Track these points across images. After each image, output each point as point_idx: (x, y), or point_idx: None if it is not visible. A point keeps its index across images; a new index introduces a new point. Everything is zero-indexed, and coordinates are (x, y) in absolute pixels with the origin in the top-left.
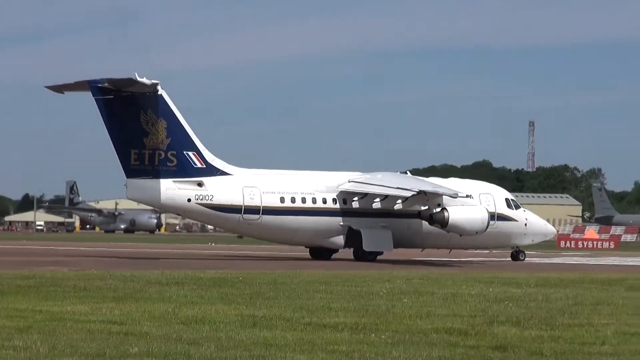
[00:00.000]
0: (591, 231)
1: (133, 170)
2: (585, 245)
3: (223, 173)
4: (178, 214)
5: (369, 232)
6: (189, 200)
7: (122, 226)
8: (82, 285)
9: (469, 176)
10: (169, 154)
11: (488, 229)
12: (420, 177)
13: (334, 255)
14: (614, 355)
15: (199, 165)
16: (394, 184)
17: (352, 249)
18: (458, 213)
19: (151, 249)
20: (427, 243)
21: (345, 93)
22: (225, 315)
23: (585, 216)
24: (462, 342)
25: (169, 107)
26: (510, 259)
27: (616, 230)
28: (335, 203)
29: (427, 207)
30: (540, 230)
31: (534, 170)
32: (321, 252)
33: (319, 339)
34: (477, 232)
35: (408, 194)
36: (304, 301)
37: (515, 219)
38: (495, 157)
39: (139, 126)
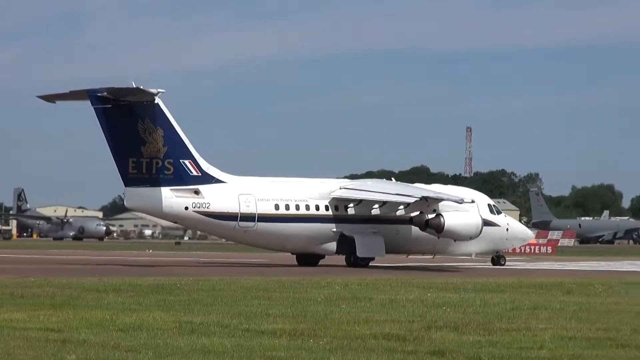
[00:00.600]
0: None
1: (131, 179)
2: (523, 250)
3: (218, 181)
4: (175, 222)
5: (362, 238)
6: (186, 208)
7: (71, 233)
8: (19, 292)
9: (407, 181)
10: (166, 162)
11: None
12: (407, 184)
13: (322, 262)
14: (551, 359)
15: (194, 173)
16: (392, 190)
17: (344, 256)
18: (453, 219)
19: (93, 256)
20: (414, 249)
21: (281, 99)
22: (163, 322)
23: (522, 221)
24: (400, 348)
25: (166, 115)
26: (490, 264)
27: (554, 235)
28: (328, 210)
29: (419, 213)
30: (520, 235)
31: (472, 175)
32: (307, 259)
33: (257, 345)
34: (470, 238)
35: (411, 200)
36: (242, 307)
37: (498, 224)
38: (432, 163)
39: (136, 135)
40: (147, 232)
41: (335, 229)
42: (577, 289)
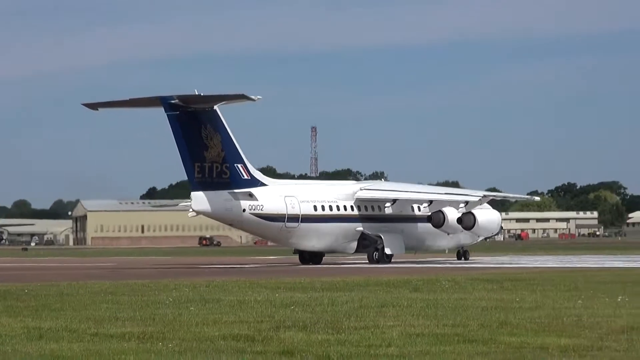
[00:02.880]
0: None
1: (196, 183)
2: None
3: (262, 184)
4: (229, 225)
5: (388, 236)
6: (244, 210)
7: None
8: None
9: None
10: (224, 167)
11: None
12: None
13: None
14: (400, 356)
15: (245, 177)
16: (438, 190)
17: (366, 253)
18: (482, 215)
19: None
20: (416, 246)
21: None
22: (10, 328)
23: None
24: (249, 348)
25: (222, 121)
26: (456, 258)
27: None
28: (353, 210)
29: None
30: (484, 230)
31: (317, 175)
32: (312, 257)
33: (106, 350)
34: (492, 233)
35: (476, 198)
36: (91, 312)
37: None
38: (278, 163)
39: (201, 141)
40: None
41: (360, 228)
42: (424, 285)
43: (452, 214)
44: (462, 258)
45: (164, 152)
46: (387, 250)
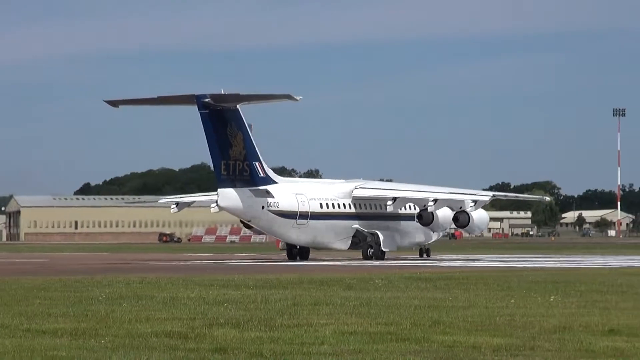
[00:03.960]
0: None
1: (222, 180)
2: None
3: (274, 182)
4: (248, 221)
5: (385, 233)
6: (263, 207)
7: None
8: None
9: (188, 180)
10: (245, 165)
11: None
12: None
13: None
14: (333, 354)
15: (261, 174)
16: (442, 189)
17: (360, 250)
18: (476, 214)
19: None
20: (399, 243)
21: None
22: None
23: None
24: (182, 345)
25: (243, 120)
26: (419, 256)
27: None
28: (351, 208)
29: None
30: (442, 226)
31: None
32: (301, 253)
33: (39, 345)
34: (481, 230)
35: (486, 197)
36: (23, 308)
37: None
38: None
39: (226, 139)
40: None
41: (356, 225)
42: (358, 284)
43: (442, 212)
44: (425, 255)
45: (99, 148)
46: (385, 247)
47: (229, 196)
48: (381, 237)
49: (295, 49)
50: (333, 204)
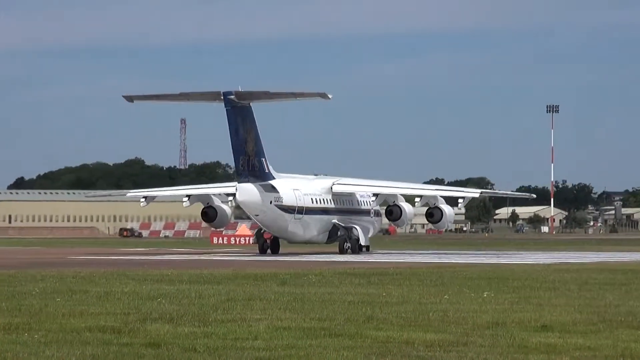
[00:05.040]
0: (243, 227)
1: (240, 174)
2: (238, 241)
3: (273, 177)
4: (255, 215)
5: (362, 228)
6: (271, 202)
7: None
8: None
9: (122, 174)
10: (255, 160)
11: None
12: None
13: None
14: (267, 349)
15: (266, 170)
16: (421, 186)
17: (337, 243)
18: (448, 210)
19: None
20: (366, 237)
21: None
22: None
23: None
24: (115, 340)
25: (254, 117)
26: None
27: None
28: (331, 203)
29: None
30: (449, 222)
31: (186, 167)
32: (273, 247)
33: None
34: (448, 226)
35: (475, 194)
36: None
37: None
38: (147, 155)
39: (242, 135)
40: None
41: (336, 220)
42: (292, 279)
43: (409, 208)
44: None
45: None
46: (363, 241)
47: (247, 191)
48: (360, 231)
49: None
50: (318, 199)
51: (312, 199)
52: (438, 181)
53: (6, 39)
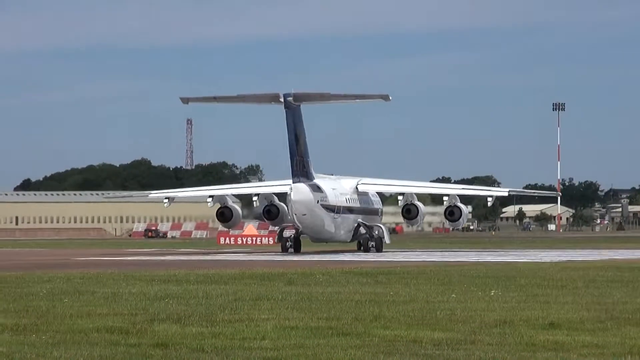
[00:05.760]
0: (250, 227)
1: (295, 175)
2: (245, 242)
3: (314, 177)
4: (303, 214)
5: (385, 227)
6: (317, 201)
7: None
8: None
9: (129, 175)
10: (305, 161)
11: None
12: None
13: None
14: (274, 349)
15: (311, 170)
16: (454, 186)
17: (360, 242)
18: (464, 209)
19: None
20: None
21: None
22: None
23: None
24: (123, 341)
25: (302, 118)
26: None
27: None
28: (356, 203)
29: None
30: (465, 221)
31: (193, 167)
32: (292, 246)
33: None
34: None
35: (504, 193)
36: None
37: None
38: (154, 156)
39: (296, 135)
40: None
41: (361, 220)
42: (299, 279)
43: (423, 207)
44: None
45: (39, 144)
46: (387, 240)
47: (301, 191)
48: (384, 230)
49: (235, 44)
50: (348, 199)
51: (345, 198)
52: (445, 180)
53: (12, 40)
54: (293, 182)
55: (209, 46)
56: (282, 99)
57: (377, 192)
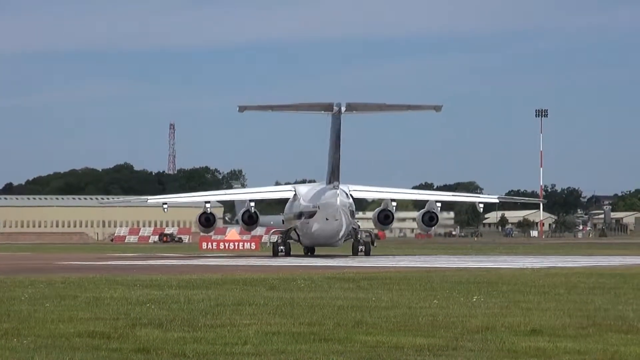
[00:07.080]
0: (233, 232)
1: (330, 181)
2: (227, 247)
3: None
4: (335, 220)
5: (372, 232)
6: (348, 207)
7: None
8: None
9: (111, 180)
10: (338, 168)
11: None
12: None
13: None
14: (256, 355)
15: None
16: (444, 193)
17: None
18: (440, 215)
19: None
20: None
21: None
22: None
23: (226, 218)
24: (104, 346)
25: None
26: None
27: (257, 231)
28: (352, 208)
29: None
30: None
31: (175, 172)
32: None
33: None
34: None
35: (495, 200)
36: None
37: None
38: (135, 160)
39: (336, 143)
40: None
41: (354, 225)
42: (281, 284)
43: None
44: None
45: (21, 148)
46: (374, 244)
47: (342, 195)
48: (373, 234)
49: (222, 48)
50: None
51: (353, 204)
52: (427, 186)
53: None
54: (334, 187)
55: (195, 50)
56: (335, 108)
57: (365, 198)
